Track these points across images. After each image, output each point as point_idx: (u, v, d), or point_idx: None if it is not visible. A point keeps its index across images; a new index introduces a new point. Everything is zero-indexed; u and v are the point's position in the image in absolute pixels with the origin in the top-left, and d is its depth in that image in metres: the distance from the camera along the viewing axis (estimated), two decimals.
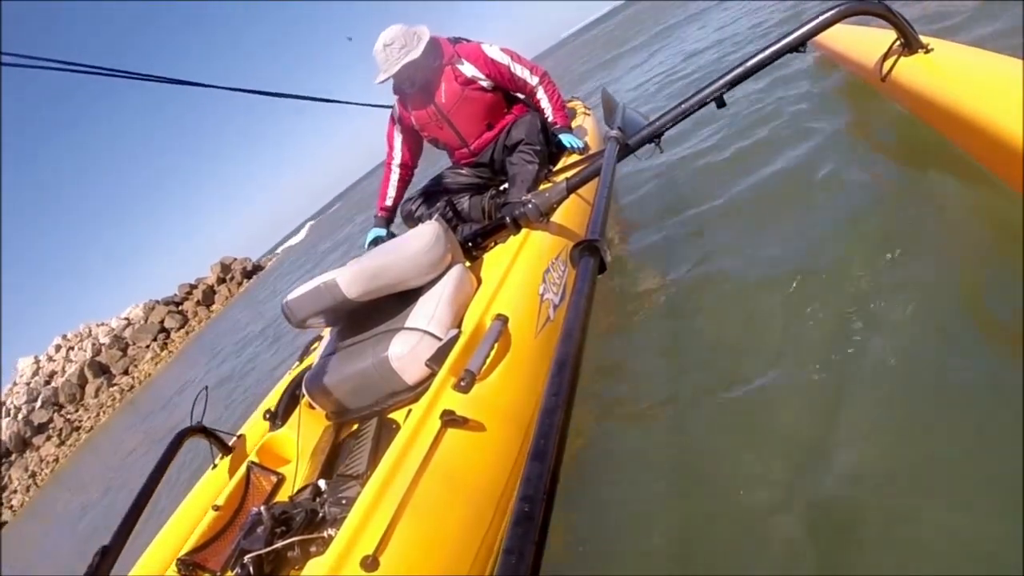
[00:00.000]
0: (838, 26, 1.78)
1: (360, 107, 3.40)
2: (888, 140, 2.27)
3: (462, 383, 1.36)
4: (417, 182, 2.84)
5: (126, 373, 20.86)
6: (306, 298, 1.74)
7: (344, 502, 1.34)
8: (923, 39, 1.84)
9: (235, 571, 1.31)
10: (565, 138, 2.58)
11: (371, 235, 2.62)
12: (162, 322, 22.34)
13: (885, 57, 1.99)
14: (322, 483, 1.47)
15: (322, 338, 2.14)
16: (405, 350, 1.62)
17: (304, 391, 1.77)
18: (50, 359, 22.93)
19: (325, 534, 1.27)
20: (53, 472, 16.20)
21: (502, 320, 1.54)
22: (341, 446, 1.74)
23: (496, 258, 2.03)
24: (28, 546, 8.83)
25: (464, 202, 2.61)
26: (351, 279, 1.70)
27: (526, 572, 0.54)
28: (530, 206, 2.00)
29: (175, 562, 1.44)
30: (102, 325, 23.96)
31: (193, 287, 24.06)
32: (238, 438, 1.86)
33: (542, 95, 2.55)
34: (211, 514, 1.55)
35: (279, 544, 1.26)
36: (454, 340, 1.55)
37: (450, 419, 1.24)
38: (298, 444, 1.72)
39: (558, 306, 1.79)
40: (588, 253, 1.04)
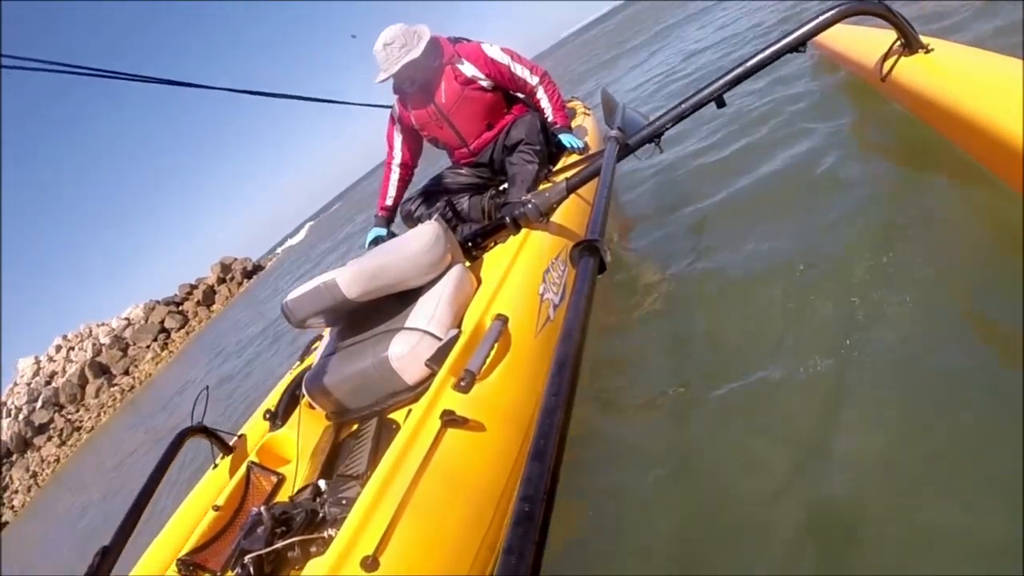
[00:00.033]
0: (838, 26, 1.78)
1: (360, 107, 3.41)
2: (888, 140, 2.26)
3: (462, 383, 1.36)
4: (417, 182, 2.84)
5: (127, 373, 20.87)
6: (306, 298, 1.74)
7: (344, 502, 1.34)
8: (923, 39, 1.84)
9: (235, 571, 1.31)
10: (565, 138, 2.58)
11: (371, 235, 2.63)
12: (162, 322, 22.35)
13: (885, 57, 1.99)
14: (322, 483, 1.47)
15: (322, 338, 2.14)
16: (405, 350, 1.62)
17: (304, 391, 1.77)
18: (50, 359, 22.93)
19: (325, 534, 1.26)
20: (54, 472, 16.21)
21: (502, 320, 1.54)
22: (341, 446, 1.74)
23: (496, 258, 2.03)
24: (29, 546, 8.83)
25: (464, 202, 2.61)
26: (351, 279, 1.70)
27: (526, 572, 0.54)
28: (530, 206, 2.00)
29: (175, 562, 1.44)
30: (102, 325, 23.97)
31: (193, 287, 24.06)
32: (239, 438, 1.86)
33: (542, 95, 2.55)
34: (211, 514, 1.55)
35: (279, 544, 1.26)
36: (454, 340, 1.55)
37: (450, 419, 1.24)
38: (298, 444, 1.72)
39: (558, 306, 1.79)
40: (588, 253, 1.04)
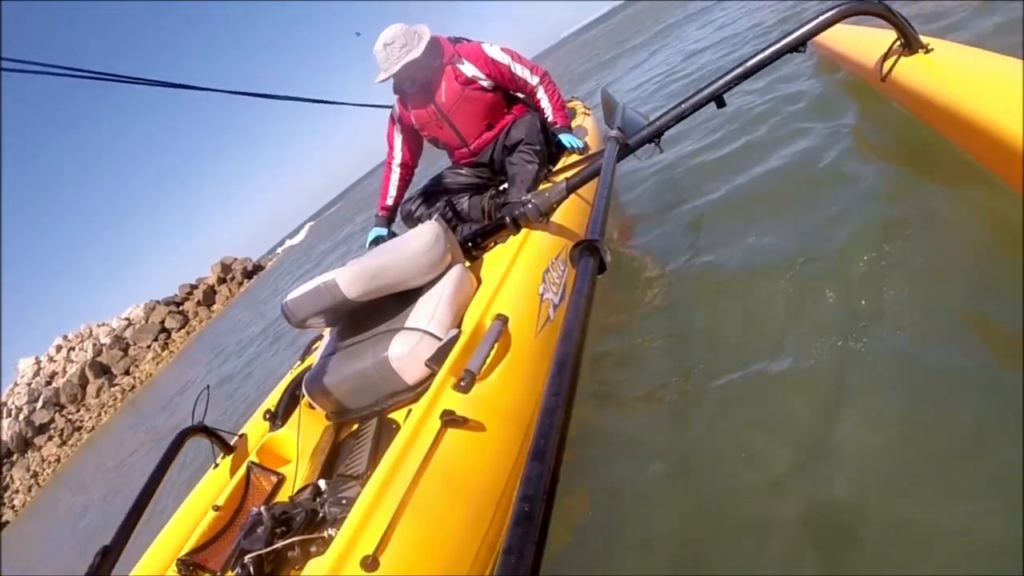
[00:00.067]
0: (838, 26, 1.78)
1: (359, 108, 3.41)
2: (888, 140, 2.26)
3: (462, 383, 1.36)
4: (417, 182, 2.84)
5: (127, 373, 20.87)
6: (306, 298, 1.74)
7: (344, 502, 1.34)
8: (923, 39, 1.84)
9: (235, 571, 1.32)
10: (565, 138, 2.58)
11: (372, 234, 2.63)
12: (163, 322, 22.35)
13: (885, 57, 1.99)
14: (322, 483, 1.47)
15: (323, 338, 2.14)
16: (405, 350, 1.62)
17: (304, 391, 1.77)
18: (51, 360, 22.94)
19: (325, 534, 1.27)
20: (55, 472, 16.21)
21: (502, 320, 1.54)
22: (341, 446, 1.74)
23: (496, 258, 2.03)
24: (30, 545, 8.83)
25: (464, 202, 2.61)
26: (351, 279, 1.70)
27: (526, 572, 0.54)
28: (530, 206, 2.00)
29: (175, 562, 1.44)
30: (103, 325, 23.97)
31: (194, 287, 24.06)
32: (239, 438, 1.86)
33: (542, 95, 2.55)
34: (211, 514, 1.55)
35: (279, 544, 1.26)
36: (454, 340, 1.55)
37: (450, 419, 1.24)
38: (298, 444, 1.72)
39: (558, 306, 1.79)
40: (588, 253, 1.04)
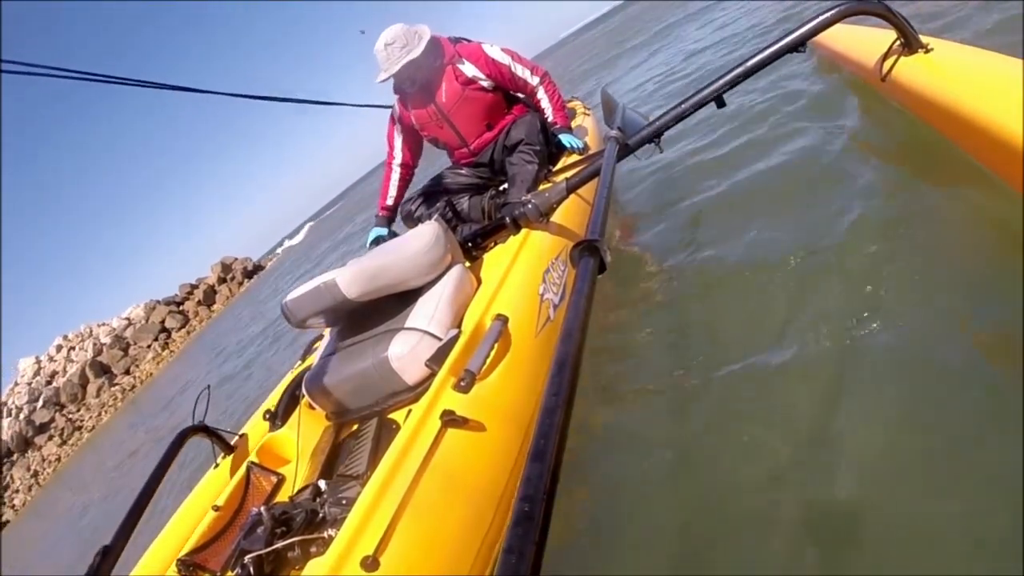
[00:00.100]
0: (838, 26, 1.78)
1: (359, 108, 3.41)
2: (888, 140, 2.26)
3: (462, 383, 1.36)
4: (417, 182, 2.84)
5: (127, 373, 20.86)
6: (306, 298, 1.74)
7: (344, 502, 1.34)
8: (923, 39, 1.84)
9: (235, 571, 1.31)
10: (565, 138, 2.58)
11: (373, 234, 2.63)
12: (163, 322, 22.34)
13: (885, 57, 1.99)
14: (322, 483, 1.47)
15: (323, 338, 2.14)
16: (405, 350, 1.62)
17: (304, 391, 1.77)
18: (51, 359, 22.94)
19: (325, 534, 1.26)
20: (55, 471, 16.21)
21: (502, 320, 1.54)
22: (341, 446, 1.74)
23: (496, 258, 2.03)
24: (31, 545, 8.84)
25: (464, 202, 2.61)
26: (351, 279, 1.70)
27: (526, 572, 0.54)
28: (530, 206, 2.00)
29: (175, 562, 1.44)
30: (103, 325, 23.97)
31: (194, 287, 24.06)
32: (240, 437, 1.86)
33: (542, 95, 2.55)
34: (211, 514, 1.55)
35: (279, 544, 1.26)
36: (454, 340, 1.55)
37: (450, 419, 1.24)
38: (298, 444, 1.72)
39: (558, 306, 1.79)
40: (588, 253, 1.04)
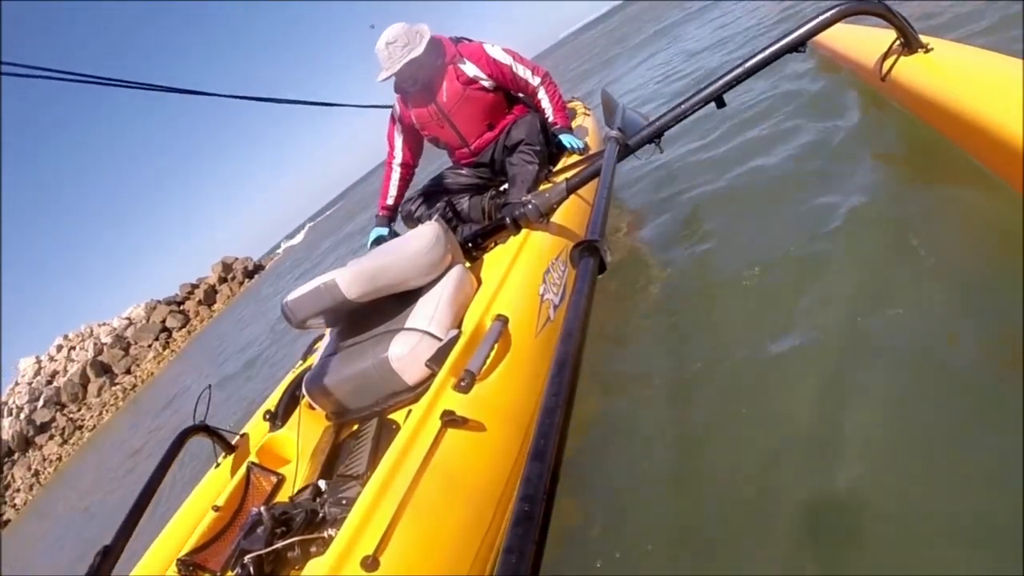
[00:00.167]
0: (838, 26, 1.78)
1: (359, 108, 3.41)
2: (887, 139, 2.26)
3: (462, 383, 1.36)
4: (417, 182, 2.84)
5: (128, 372, 20.87)
6: (306, 299, 1.74)
7: (344, 502, 1.34)
8: (923, 38, 1.84)
9: (235, 571, 1.32)
10: (565, 138, 2.58)
11: (373, 235, 2.64)
12: (164, 321, 22.35)
13: (885, 57, 1.99)
14: (322, 483, 1.47)
15: (323, 338, 2.14)
16: (405, 350, 1.62)
17: (304, 391, 1.77)
18: (51, 359, 22.94)
19: (325, 534, 1.27)
20: (56, 470, 16.22)
21: (502, 320, 1.54)
22: (341, 446, 1.74)
23: (496, 258, 2.03)
24: (31, 544, 8.84)
25: (464, 202, 2.61)
26: (351, 280, 1.70)
27: (526, 571, 0.54)
28: (530, 206, 2.00)
29: (175, 562, 1.44)
30: (104, 325, 23.97)
31: (195, 287, 24.06)
32: (240, 437, 1.86)
33: (543, 95, 2.55)
34: (211, 514, 1.55)
35: (279, 544, 1.26)
36: (454, 340, 1.55)
37: (450, 419, 1.25)
38: (298, 444, 1.72)
39: (558, 306, 1.79)
40: (588, 253, 1.04)
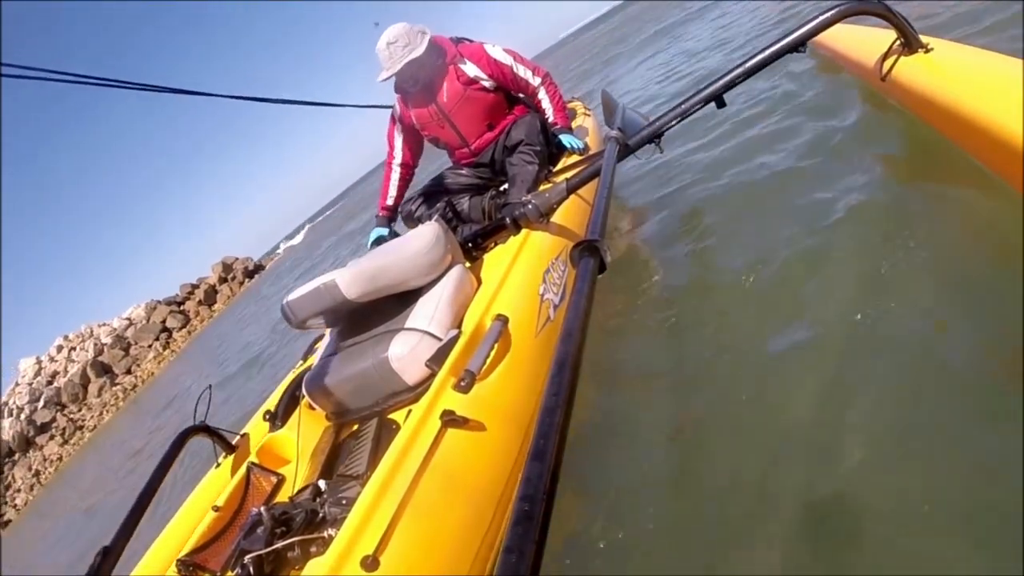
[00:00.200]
0: (838, 26, 1.78)
1: (358, 109, 3.41)
2: (888, 139, 2.26)
3: (462, 383, 1.36)
4: (417, 182, 2.84)
5: (129, 372, 20.87)
6: (306, 299, 1.74)
7: (344, 502, 1.34)
8: (923, 38, 1.83)
9: (235, 571, 1.32)
10: (565, 139, 2.58)
11: (374, 235, 2.64)
12: (164, 322, 22.35)
13: (885, 57, 1.99)
14: (322, 483, 1.47)
15: (324, 338, 2.14)
16: (405, 350, 1.62)
17: (304, 391, 1.77)
18: (52, 359, 22.94)
19: (325, 534, 1.27)
20: (57, 470, 16.22)
21: (502, 320, 1.54)
22: (341, 446, 1.74)
23: (496, 258, 2.03)
24: (32, 544, 8.85)
25: (464, 203, 2.61)
26: (351, 280, 1.70)
27: (526, 571, 0.54)
28: (530, 206, 2.00)
29: (175, 562, 1.44)
30: (104, 325, 23.97)
31: (195, 287, 24.06)
32: (240, 437, 1.86)
33: (543, 96, 2.55)
34: (211, 515, 1.55)
35: (279, 544, 1.26)
36: (454, 340, 1.55)
37: (450, 419, 1.25)
38: (298, 445, 1.72)
39: (558, 306, 1.79)
40: (588, 253, 1.04)
